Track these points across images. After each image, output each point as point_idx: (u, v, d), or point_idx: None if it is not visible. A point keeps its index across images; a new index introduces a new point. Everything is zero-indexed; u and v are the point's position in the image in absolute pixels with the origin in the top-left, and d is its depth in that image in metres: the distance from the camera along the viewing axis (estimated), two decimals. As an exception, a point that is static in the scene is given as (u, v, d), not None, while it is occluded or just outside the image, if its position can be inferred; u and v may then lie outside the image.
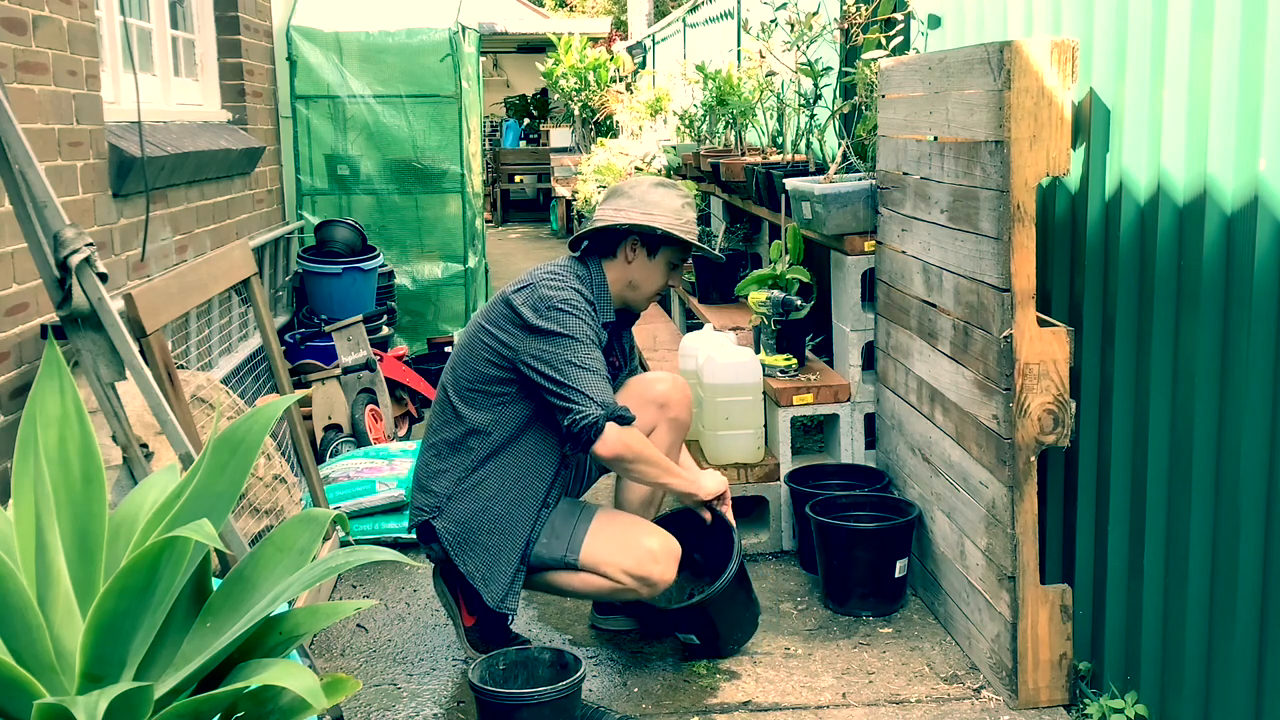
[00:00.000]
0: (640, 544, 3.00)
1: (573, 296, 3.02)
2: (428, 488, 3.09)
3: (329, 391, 5.03)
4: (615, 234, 3.16)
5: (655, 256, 3.18)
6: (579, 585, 3.04)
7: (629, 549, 2.99)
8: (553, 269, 3.13)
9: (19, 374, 2.98)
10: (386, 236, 6.75)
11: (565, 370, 2.92)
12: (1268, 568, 2.33)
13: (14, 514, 1.76)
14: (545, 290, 3.01)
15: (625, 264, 3.18)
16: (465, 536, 3.03)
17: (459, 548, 3.03)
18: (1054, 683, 2.88)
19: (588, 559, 3.00)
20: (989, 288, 2.90)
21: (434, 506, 3.06)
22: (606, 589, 3.03)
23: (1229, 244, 2.38)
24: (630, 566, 2.97)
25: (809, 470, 3.87)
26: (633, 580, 2.98)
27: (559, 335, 2.96)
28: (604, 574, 2.99)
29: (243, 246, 3.93)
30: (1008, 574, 2.85)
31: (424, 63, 6.59)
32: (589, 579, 3.02)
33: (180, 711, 1.60)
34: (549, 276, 3.08)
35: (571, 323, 2.97)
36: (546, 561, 3.02)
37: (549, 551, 3.02)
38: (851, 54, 4.30)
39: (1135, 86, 2.65)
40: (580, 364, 2.93)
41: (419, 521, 3.10)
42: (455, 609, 3.19)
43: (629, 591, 3.02)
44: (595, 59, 12.21)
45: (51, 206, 2.43)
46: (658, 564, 2.98)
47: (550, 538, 3.03)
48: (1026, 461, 2.83)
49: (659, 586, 3.01)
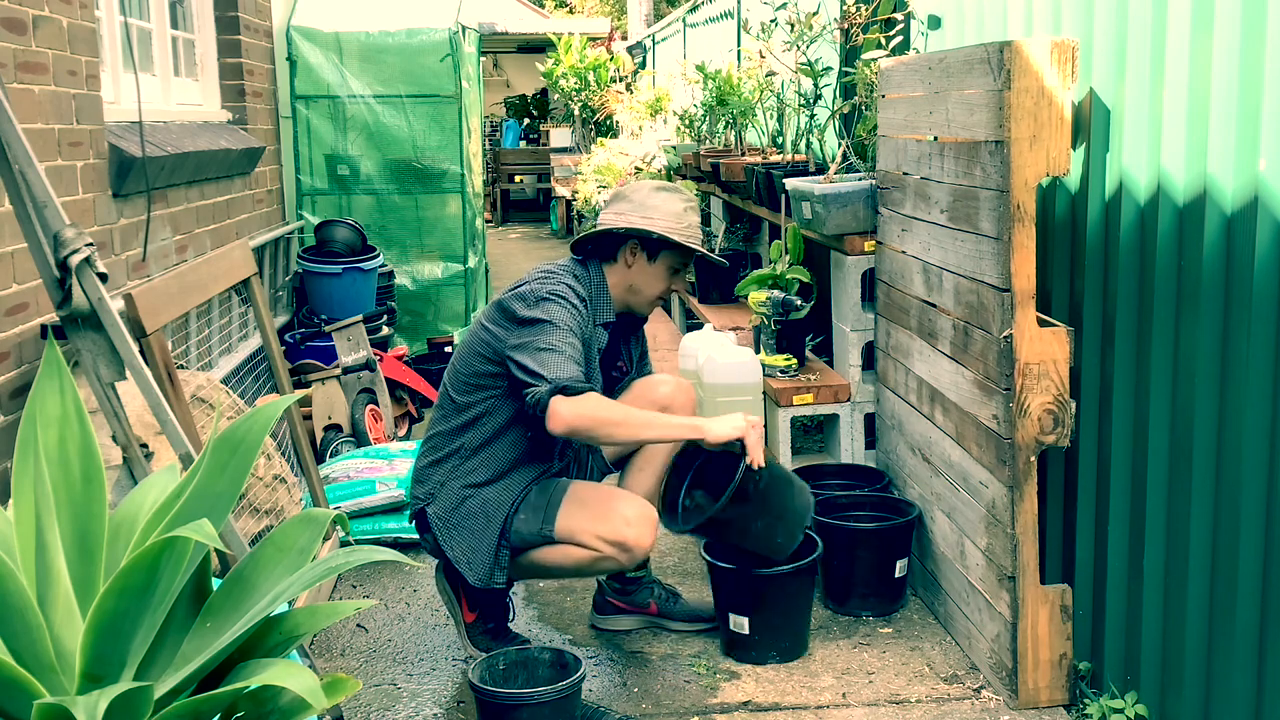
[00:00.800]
0: (614, 510, 3.00)
1: (560, 288, 3.04)
2: (422, 478, 3.16)
3: (329, 391, 5.03)
4: (616, 238, 3.17)
5: (655, 261, 3.19)
6: (560, 559, 3.04)
7: (603, 516, 2.99)
8: (549, 267, 3.16)
9: (19, 374, 2.98)
10: (386, 236, 6.75)
11: (533, 354, 2.92)
12: (1268, 568, 2.33)
13: (14, 514, 1.76)
14: (535, 284, 3.05)
15: (626, 268, 3.19)
16: (451, 520, 3.08)
17: (445, 532, 3.08)
18: (1054, 683, 2.89)
19: (563, 530, 3.00)
20: (989, 288, 2.90)
21: (428, 494, 3.13)
22: (587, 559, 3.01)
23: (1229, 244, 2.38)
24: (605, 533, 2.97)
25: (810, 470, 3.87)
26: (610, 547, 2.97)
27: (538, 322, 2.96)
28: (581, 543, 2.99)
29: (243, 246, 3.93)
30: (1008, 574, 2.85)
31: (424, 63, 6.59)
32: (569, 550, 3.01)
33: (180, 711, 1.60)
34: (543, 274, 3.11)
35: (554, 309, 2.98)
36: (526, 539, 3.04)
37: (526, 528, 3.04)
38: (851, 54, 4.30)
39: (1135, 86, 2.65)
40: (548, 346, 2.92)
41: (416, 509, 3.16)
42: (456, 605, 3.23)
43: (608, 560, 3.00)
44: (595, 59, 12.21)
45: (51, 206, 2.43)
46: (631, 528, 2.97)
47: (528, 513, 3.05)
48: (1026, 461, 2.83)
49: (636, 552, 2.99)
